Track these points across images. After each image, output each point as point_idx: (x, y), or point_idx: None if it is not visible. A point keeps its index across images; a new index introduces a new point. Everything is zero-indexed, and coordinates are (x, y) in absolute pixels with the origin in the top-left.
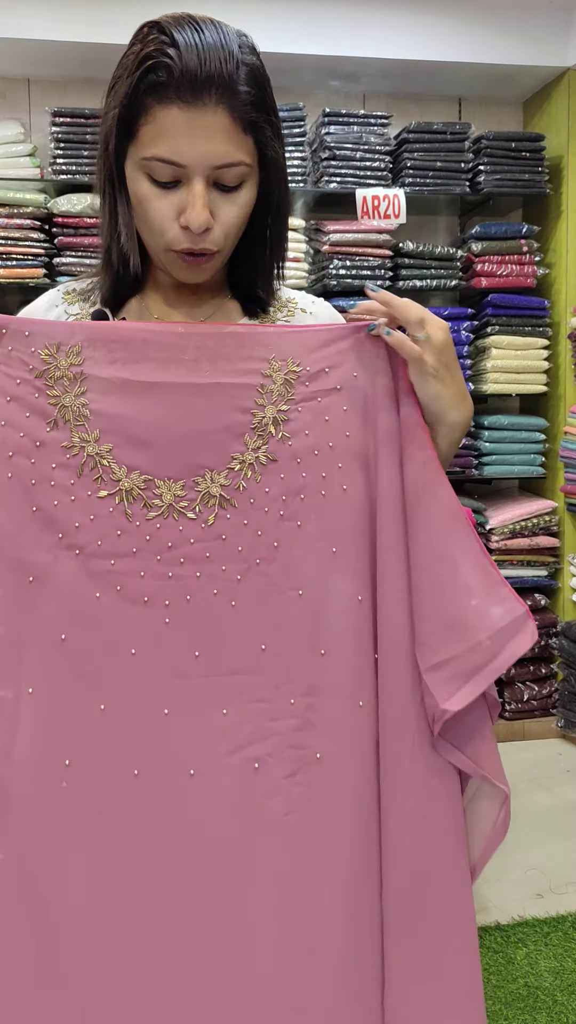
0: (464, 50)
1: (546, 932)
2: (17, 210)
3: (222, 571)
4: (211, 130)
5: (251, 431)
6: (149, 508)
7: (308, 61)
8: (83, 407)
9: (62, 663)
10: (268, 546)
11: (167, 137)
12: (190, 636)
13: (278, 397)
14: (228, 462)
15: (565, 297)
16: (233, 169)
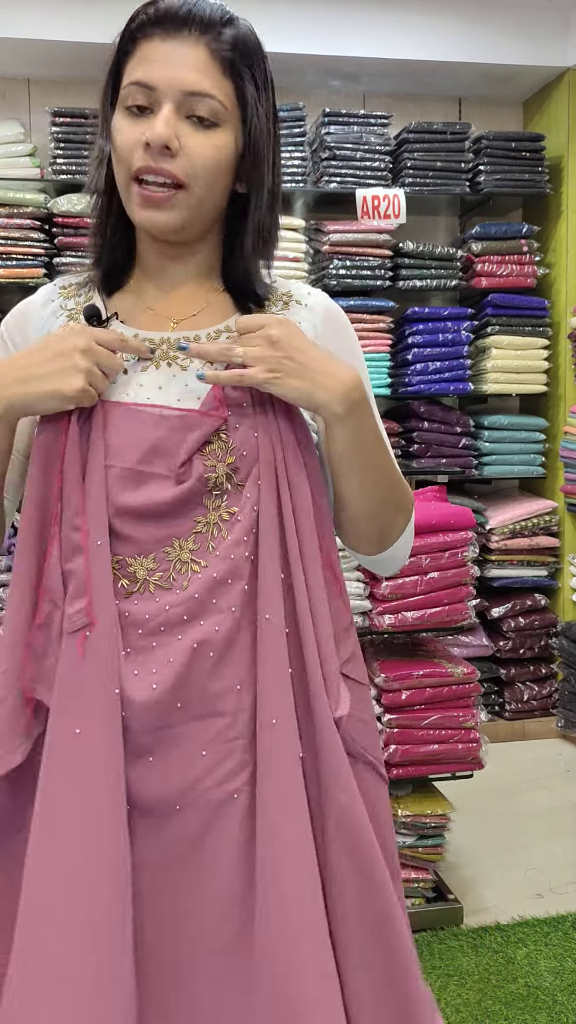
0: (464, 50)
1: (546, 932)
2: (17, 210)
3: (201, 626)
4: (186, 58)
5: (208, 494)
6: (125, 589)
7: (308, 61)
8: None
9: (63, 724)
10: (239, 591)
11: (144, 64)
12: (174, 694)
13: (222, 455)
14: (193, 527)
15: (565, 297)
16: (205, 100)
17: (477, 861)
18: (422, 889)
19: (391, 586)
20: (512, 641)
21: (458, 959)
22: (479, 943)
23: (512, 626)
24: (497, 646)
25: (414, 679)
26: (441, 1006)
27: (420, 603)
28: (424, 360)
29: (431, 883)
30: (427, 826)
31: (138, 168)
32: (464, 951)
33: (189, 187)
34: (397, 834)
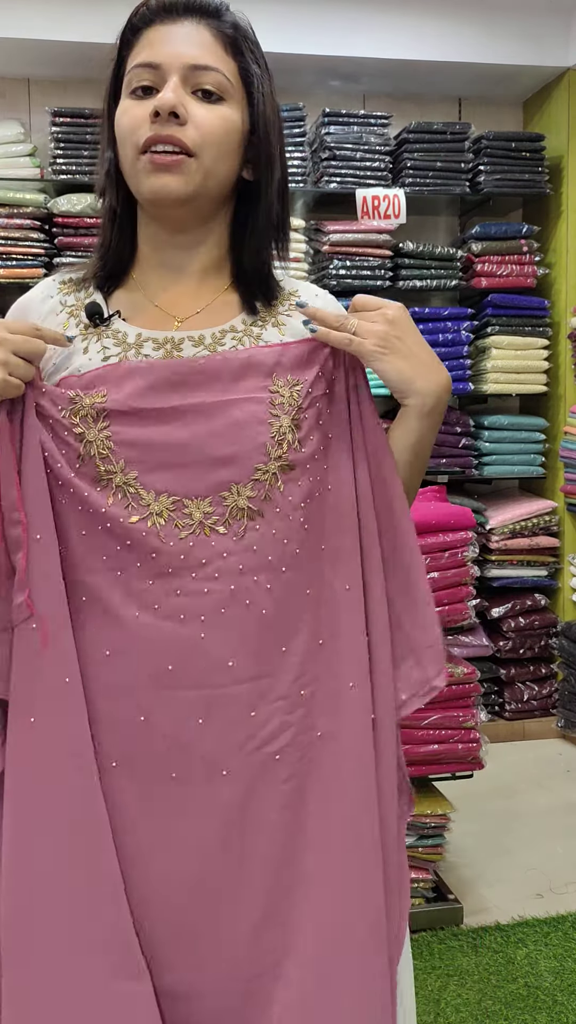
0: (464, 50)
1: (546, 932)
2: (17, 210)
3: (254, 582)
4: (191, 37)
5: (271, 440)
6: (180, 528)
7: (308, 61)
8: (106, 440)
9: (106, 678)
10: (292, 554)
11: (148, 47)
12: (224, 648)
13: (289, 408)
14: (252, 474)
15: (565, 297)
16: (210, 73)
17: (477, 861)
18: (422, 889)
19: None
20: (512, 641)
21: (458, 959)
22: (479, 943)
23: (512, 626)
24: (497, 646)
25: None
26: (441, 1006)
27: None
28: None
29: (431, 883)
30: (427, 826)
31: (147, 139)
32: (464, 951)
33: (198, 155)
34: None
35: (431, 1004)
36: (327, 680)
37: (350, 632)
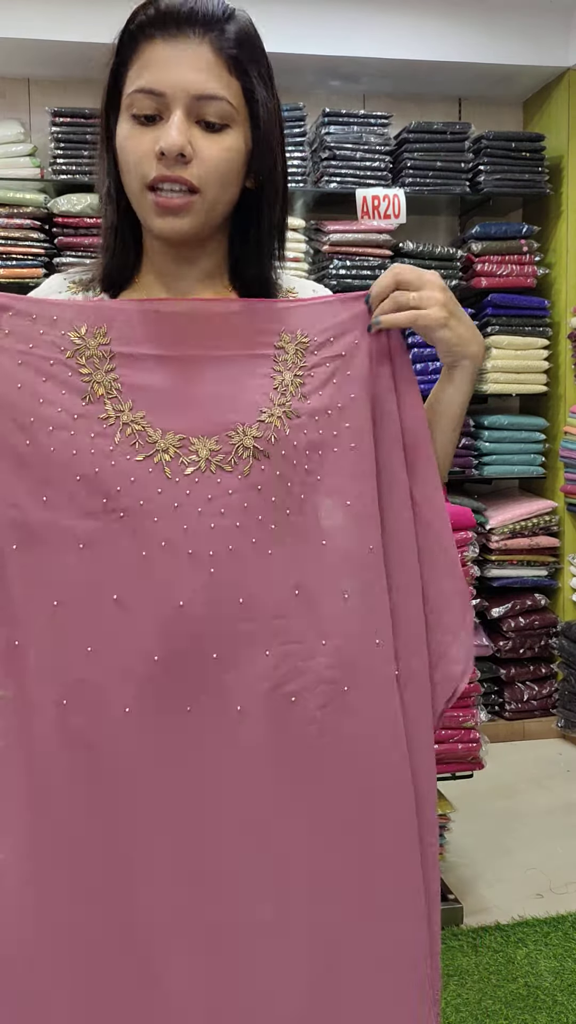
0: (464, 50)
1: (546, 932)
2: (17, 210)
3: (259, 520)
4: (192, 61)
5: (273, 391)
6: (186, 465)
7: (308, 61)
8: (114, 381)
9: (116, 620)
10: (297, 498)
11: (149, 69)
12: (234, 584)
13: (292, 364)
14: (258, 416)
15: (565, 297)
16: (215, 103)
17: (477, 861)
18: None
19: None
20: (512, 641)
21: (458, 959)
22: (479, 943)
23: (512, 626)
24: (497, 646)
25: None
26: (441, 1006)
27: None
28: (424, 360)
29: None
30: None
31: (154, 178)
32: (464, 951)
33: (203, 192)
34: None
35: None
36: (354, 637)
37: (376, 591)
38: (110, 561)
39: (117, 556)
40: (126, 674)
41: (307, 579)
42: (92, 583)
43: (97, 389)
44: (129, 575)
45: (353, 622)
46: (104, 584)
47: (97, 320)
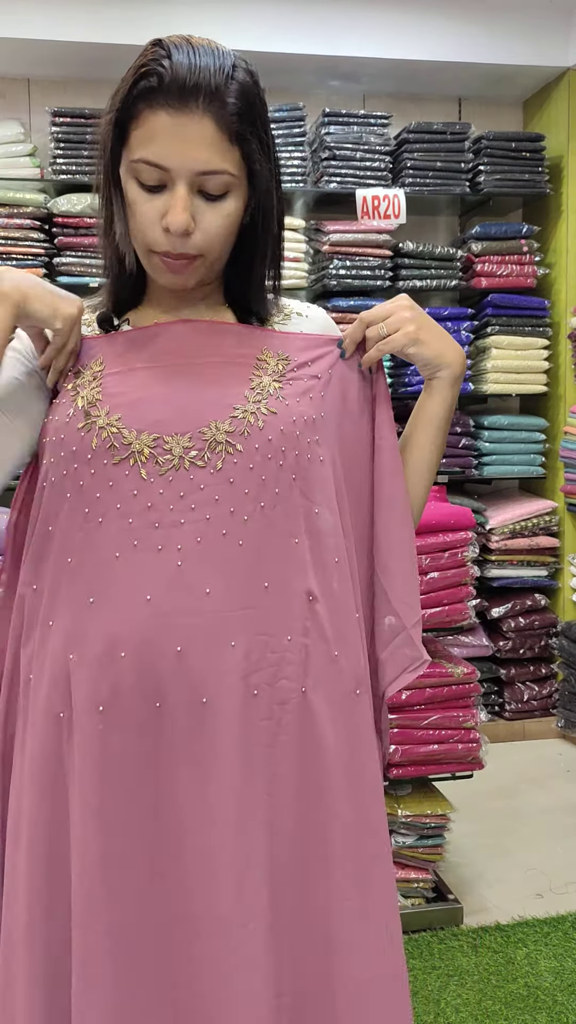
0: (464, 50)
1: (546, 932)
2: (17, 210)
3: (230, 512)
4: (197, 136)
5: (250, 390)
6: (160, 464)
7: (308, 61)
8: (97, 394)
9: (90, 622)
10: (271, 492)
11: (154, 141)
12: (201, 576)
13: (272, 372)
14: (231, 412)
15: (565, 297)
16: (217, 177)
17: (477, 861)
18: (422, 889)
19: None
20: (512, 641)
21: (458, 959)
22: (479, 943)
23: (512, 626)
24: (497, 646)
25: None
26: (441, 1006)
27: (420, 603)
28: None
29: (431, 883)
30: (427, 826)
31: (162, 251)
32: (464, 951)
33: (205, 255)
34: (397, 834)
35: (431, 1004)
36: (318, 640)
37: (342, 597)
38: (91, 568)
39: (96, 562)
40: (100, 673)
41: (277, 574)
42: (75, 591)
43: (80, 402)
44: (103, 578)
45: (316, 627)
46: (84, 590)
47: (94, 355)
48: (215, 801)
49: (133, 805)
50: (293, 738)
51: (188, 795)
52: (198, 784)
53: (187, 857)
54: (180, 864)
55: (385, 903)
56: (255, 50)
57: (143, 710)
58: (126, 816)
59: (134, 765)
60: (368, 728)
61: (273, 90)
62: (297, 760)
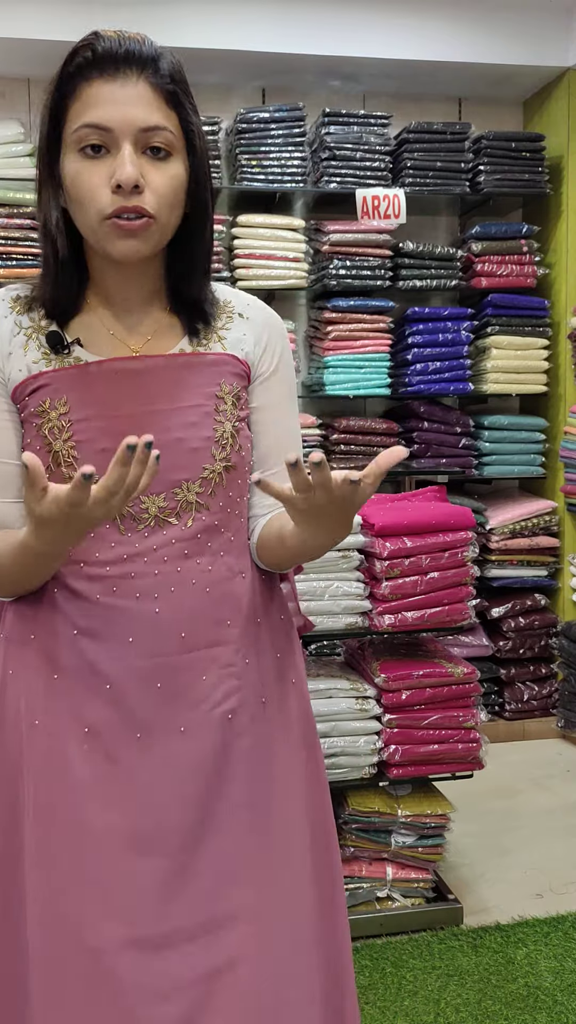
0: (464, 50)
1: (546, 932)
2: (17, 210)
3: (197, 564)
4: (134, 97)
5: (215, 444)
6: (138, 521)
7: (308, 61)
8: (71, 449)
9: (75, 653)
10: (227, 540)
11: (93, 106)
12: (176, 621)
13: (230, 416)
14: (201, 472)
15: (565, 297)
16: (159, 133)
17: (477, 861)
18: (422, 889)
19: (391, 586)
20: (512, 641)
21: (458, 959)
22: (479, 943)
23: (512, 626)
24: (497, 646)
25: (414, 679)
26: (441, 1006)
27: (420, 603)
28: (424, 360)
29: (431, 883)
30: (427, 826)
31: (114, 210)
32: (464, 951)
33: (157, 217)
34: (398, 834)
35: (431, 1004)
36: (265, 653)
37: (276, 611)
38: (71, 604)
39: (77, 599)
40: (87, 699)
41: (236, 610)
42: (60, 618)
43: (56, 459)
44: (86, 615)
45: (265, 642)
46: (68, 620)
47: (58, 392)
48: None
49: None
50: (260, 744)
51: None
52: (178, 808)
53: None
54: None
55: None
56: (255, 50)
57: (125, 742)
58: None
59: (114, 789)
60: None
61: (273, 90)
62: (268, 763)
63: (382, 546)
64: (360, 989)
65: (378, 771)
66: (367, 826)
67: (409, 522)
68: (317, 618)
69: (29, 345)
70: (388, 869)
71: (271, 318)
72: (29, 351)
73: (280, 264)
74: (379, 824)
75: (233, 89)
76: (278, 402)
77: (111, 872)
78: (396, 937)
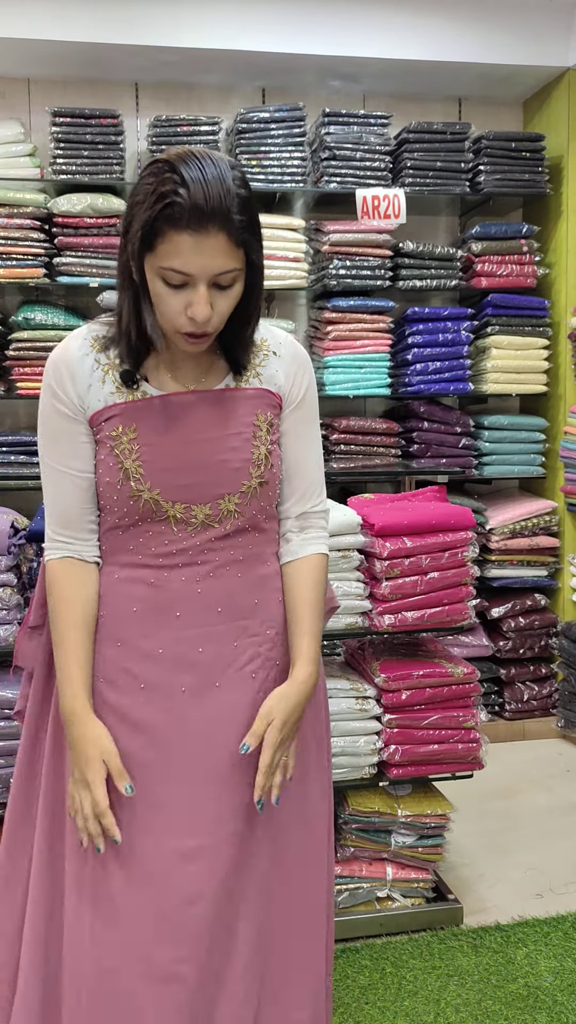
0: (464, 50)
1: (546, 932)
2: (17, 210)
3: (231, 555)
4: (213, 249)
5: (253, 464)
6: (188, 525)
7: (308, 61)
8: (139, 468)
9: (133, 626)
10: (257, 537)
11: (179, 255)
12: (214, 599)
13: (266, 439)
14: (240, 487)
15: (565, 297)
16: (228, 274)
17: (477, 861)
18: (422, 889)
19: (391, 586)
20: (512, 641)
21: (458, 959)
22: (479, 943)
23: (512, 626)
24: (497, 646)
25: (414, 679)
26: (441, 1006)
27: (420, 603)
28: (424, 360)
29: (431, 883)
30: (427, 826)
31: (187, 333)
32: (464, 951)
33: (217, 328)
34: (398, 834)
35: (431, 1004)
36: (280, 625)
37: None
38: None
39: (137, 583)
40: (143, 661)
41: (262, 591)
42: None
43: (127, 475)
44: (140, 595)
45: (280, 617)
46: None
47: (128, 420)
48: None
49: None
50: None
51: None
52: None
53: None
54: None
55: None
56: (256, 50)
57: (172, 694)
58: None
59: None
60: None
61: (273, 90)
62: None
63: (382, 546)
64: (360, 989)
65: (378, 771)
66: (367, 826)
67: (409, 522)
68: None
69: (106, 380)
70: (388, 869)
71: (300, 355)
72: (106, 384)
73: (280, 264)
74: (379, 824)
75: (233, 89)
76: (303, 426)
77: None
78: (396, 937)
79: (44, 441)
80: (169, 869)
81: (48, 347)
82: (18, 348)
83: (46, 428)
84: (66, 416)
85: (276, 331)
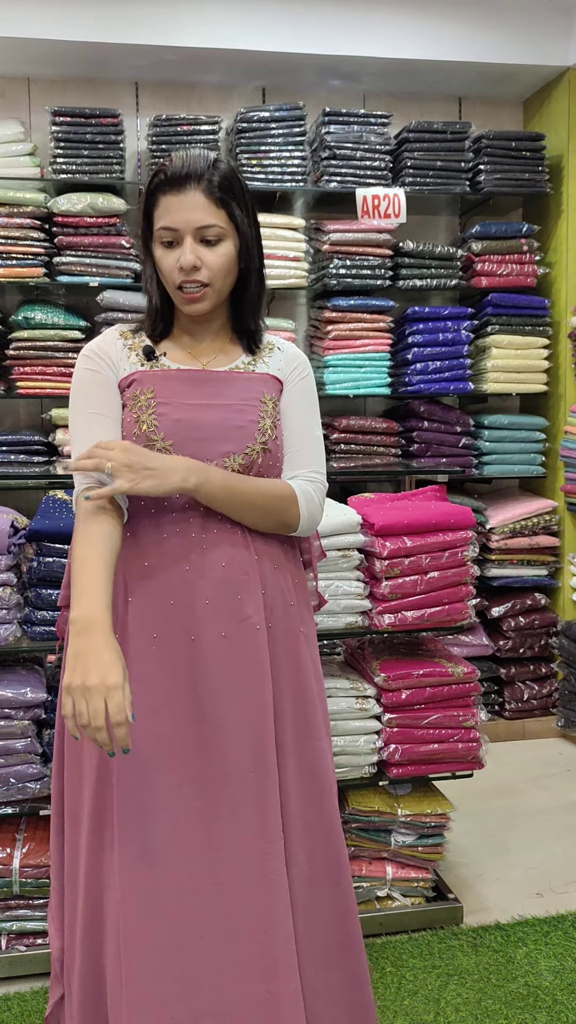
0: (464, 50)
1: (546, 932)
2: (17, 209)
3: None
4: (192, 205)
5: (258, 431)
6: None
7: (308, 61)
8: (154, 420)
9: (148, 580)
10: None
11: (166, 214)
12: (220, 554)
13: (271, 414)
14: (244, 449)
15: (565, 296)
16: (210, 229)
17: (477, 861)
18: (422, 889)
19: (391, 585)
20: (512, 640)
21: (458, 959)
22: (479, 943)
23: (512, 625)
24: (497, 645)
25: (414, 679)
26: (441, 1006)
27: (420, 603)
28: (424, 360)
29: (431, 883)
30: (427, 826)
31: (180, 282)
32: (464, 951)
33: (212, 284)
34: (397, 833)
35: (431, 1004)
36: (283, 579)
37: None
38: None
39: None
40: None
41: (261, 549)
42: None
43: (141, 426)
44: (160, 555)
45: (284, 572)
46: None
47: (146, 385)
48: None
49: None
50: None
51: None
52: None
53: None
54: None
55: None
56: (256, 50)
57: (184, 641)
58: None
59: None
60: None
61: (273, 90)
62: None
63: (382, 545)
64: None
65: (378, 770)
66: (367, 825)
67: (409, 521)
68: (317, 617)
69: (131, 356)
70: (388, 868)
71: (299, 354)
72: (131, 358)
73: (280, 263)
74: (379, 823)
75: (233, 89)
76: (295, 405)
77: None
78: (396, 936)
79: (80, 395)
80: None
81: (48, 347)
82: (18, 348)
83: (82, 388)
84: (102, 377)
85: (280, 339)
